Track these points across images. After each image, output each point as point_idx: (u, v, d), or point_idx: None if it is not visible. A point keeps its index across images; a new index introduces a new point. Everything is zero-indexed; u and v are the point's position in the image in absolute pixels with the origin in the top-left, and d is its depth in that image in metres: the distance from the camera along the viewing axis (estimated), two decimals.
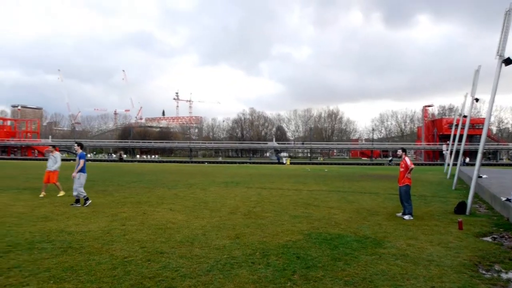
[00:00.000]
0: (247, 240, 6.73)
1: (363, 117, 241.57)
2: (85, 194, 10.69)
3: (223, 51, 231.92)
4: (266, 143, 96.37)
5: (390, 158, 67.99)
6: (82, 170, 10.85)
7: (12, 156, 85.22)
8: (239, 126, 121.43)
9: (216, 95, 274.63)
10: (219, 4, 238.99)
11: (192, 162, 68.90)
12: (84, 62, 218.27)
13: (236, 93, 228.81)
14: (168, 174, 26.36)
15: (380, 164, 64.25)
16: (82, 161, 10.88)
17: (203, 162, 64.85)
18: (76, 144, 11.43)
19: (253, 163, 66.32)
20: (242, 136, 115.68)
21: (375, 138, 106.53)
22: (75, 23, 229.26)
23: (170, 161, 69.32)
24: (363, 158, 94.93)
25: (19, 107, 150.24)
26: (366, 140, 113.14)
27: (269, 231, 7.50)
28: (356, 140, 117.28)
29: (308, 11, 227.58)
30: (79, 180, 10.76)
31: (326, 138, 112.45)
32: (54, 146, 13.84)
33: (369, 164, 62.54)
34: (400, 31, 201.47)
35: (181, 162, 66.82)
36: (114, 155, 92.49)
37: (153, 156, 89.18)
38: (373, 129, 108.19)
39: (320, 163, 66.33)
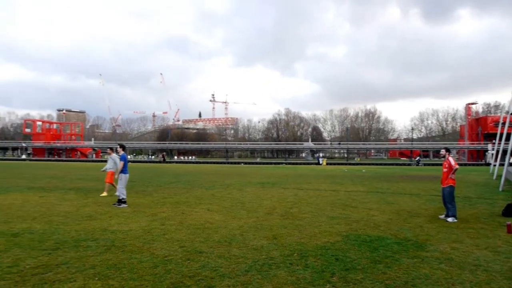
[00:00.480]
0: (284, 241, 6.70)
1: (402, 116, 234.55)
2: (124, 197, 10.99)
3: (258, 52, 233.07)
4: (302, 144, 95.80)
5: (417, 158, 65.80)
6: (123, 171, 11.18)
7: (56, 157, 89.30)
8: (275, 126, 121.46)
9: (251, 96, 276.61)
10: (253, 5, 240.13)
11: (228, 163, 69.60)
12: (123, 67, 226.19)
13: (272, 93, 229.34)
14: (205, 175, 26.74)
15: (408, 164, 62.17)
16: (121, 163, 11.21)
17: (239, 163, 65.35)
18: (118, 146, 11.80)
19: (289, 163, 66.11)
20: (278, 136, 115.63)
21: (414, 137, 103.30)
22: (113, 29, 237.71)
23: (207, 162, 70.28)
24: (402, 159, 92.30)
25: (64, 111, 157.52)
26: (405, 140, 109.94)
27: (306, 232, 7.44)
28: (395, 140, 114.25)
29: (344, 9, 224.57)
30: (121, 181, 11.10)
31: (363, 138, 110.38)
32: (111, 148, 14.27)
33: (408, 165, 60.69)
34: (440, 26, 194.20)
35: (217, 163, 67.61)
36: (152, 157, 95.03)
37: (190, 157, 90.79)
38: (412, 128, 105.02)
39: (357, 164, 65.13)
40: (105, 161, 15.24)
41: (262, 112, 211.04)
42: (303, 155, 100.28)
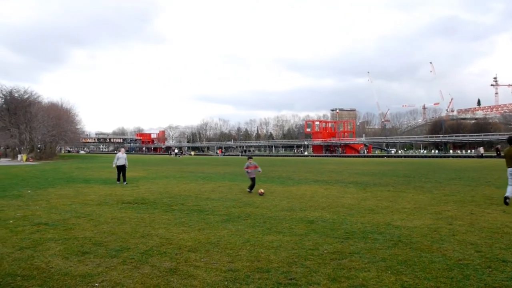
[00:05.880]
0: None
1: None
2: None
3: None
4: None
5: None
6: None
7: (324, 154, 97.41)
8: None
9: None
10: None
11: None
12: (389, 61, 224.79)
13: None
14: (491, 171, 23.28)
15: None
16: None
17: None
18: None
19: None
20: None
21: None
22: (377, 25, 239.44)
23: (491, 156, 61.08)
24: None
25: (337, 110, 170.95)
26: None
27: None
28: None
29: None
30: None
31: None
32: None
33: None
34: None
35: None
36: (424, 151, 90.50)
37: (468, 151, 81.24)
38: None
39: None
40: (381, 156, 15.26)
41: None
42: None
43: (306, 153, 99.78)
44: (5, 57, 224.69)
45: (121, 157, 17.00)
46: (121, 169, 16.90)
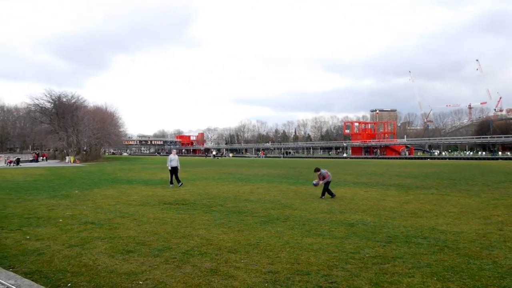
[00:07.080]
0: None
1: None
2: None
3: None
4: None
5: None
6: None
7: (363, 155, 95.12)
8: None
9: None
10: None
11: None
12: (431, 59, 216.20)
13: None
14: None
15: None
16: None
17: None
18: None
19: None
20: None
21: None
22: (418, 23, 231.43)
23: None
24: None
25: (377, 111, 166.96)
26: None
27: None
28: None
29: None
30: None
31: None
32: None
33: None
34: None
35: None
36: (470, 153, 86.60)
37: None
38: None
39: None
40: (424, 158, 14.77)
41: None
42: None
43: (345, 154, 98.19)
44: (54, 64, 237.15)
45: (174, 159, 16.86)
46: (174, 171, 16.72)
